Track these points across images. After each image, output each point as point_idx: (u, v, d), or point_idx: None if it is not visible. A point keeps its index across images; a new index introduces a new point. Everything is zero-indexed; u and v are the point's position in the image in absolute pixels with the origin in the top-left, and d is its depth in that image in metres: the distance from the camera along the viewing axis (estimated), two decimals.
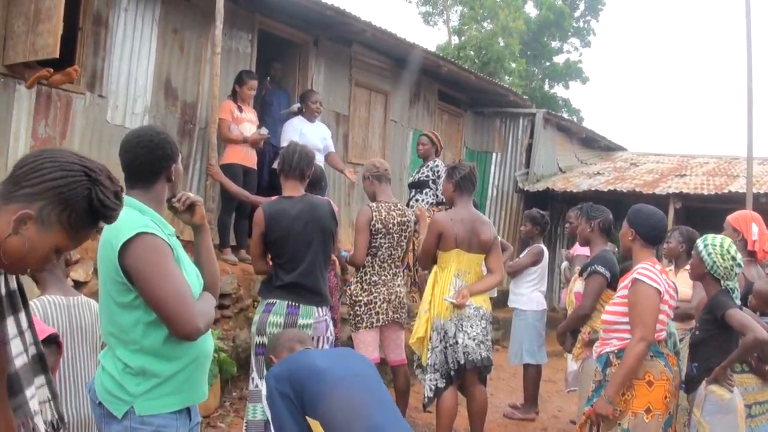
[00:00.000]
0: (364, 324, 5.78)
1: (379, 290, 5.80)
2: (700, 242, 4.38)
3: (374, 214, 5.77)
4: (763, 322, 4.61)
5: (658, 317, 4.04)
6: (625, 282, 4.19)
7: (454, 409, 5.49)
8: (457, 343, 5.37)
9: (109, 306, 2.67)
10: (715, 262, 4.24)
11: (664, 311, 4.11)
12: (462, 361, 5.35)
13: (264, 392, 3.16)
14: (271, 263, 4.84)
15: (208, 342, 2.83)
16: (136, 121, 7.26)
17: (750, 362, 4.60)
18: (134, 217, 2.64)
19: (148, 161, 2.78)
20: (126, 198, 2.66)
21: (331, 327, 4.78)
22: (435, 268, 5.60)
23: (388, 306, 5.79)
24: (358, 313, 5.81)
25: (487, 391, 5.89)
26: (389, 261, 5.83)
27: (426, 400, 5.50)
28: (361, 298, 5.79)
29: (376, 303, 5.80)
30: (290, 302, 4.59)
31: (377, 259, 5.85)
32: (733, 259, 4.22)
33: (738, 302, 4.27)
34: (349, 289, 5.96)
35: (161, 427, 2.63)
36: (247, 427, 4.53)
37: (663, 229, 4.41)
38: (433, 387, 5.41)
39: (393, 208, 5.90)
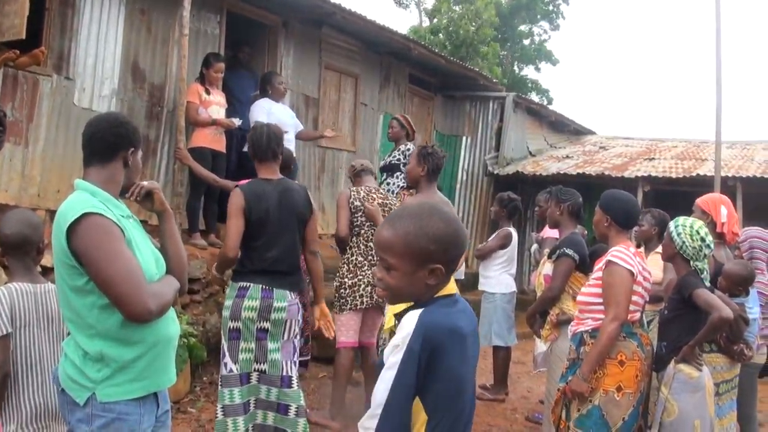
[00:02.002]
0: (348, 306, 5.86)
1: (363, 272, 5.87)
2: (671, 223, 4.46)
3: (352, 193, 5.96)
4: (734, 303, 4.68)
5: (632, 298, 4.11)
6: (600, 264, 4.25)
7: None
8: None
9: (65, 291, 2.64)
10: (684, 242, 4.31)
11: (638, 293, 4.17)
12: None
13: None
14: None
15: (170, 326, 2.80)
16: (104, 104, 7.17)
17: (718, 341, 4.69)
18: (83, 198, 2.62)
19: (108, 135, 2.76)
20: (77, 182, 2.69)
21: (302, 310, 4.78)
22: None
23: (372, 290, 5.81)
24: (342, 295, 5.89)
25: None
26: (372, 241, 5.84)
27: None
28: (346, 279, 5.89)
29: (360, 286, 5.86)
30: (264, 286, 4.56)
31: (361, 239, 5.97)
32: (702, 240, 4.29)
33: (707, 283, 4.34)
34: (339, 271, 6.03)
35: (123, 414, 2.60)
36: (224, 411, 4.49)
37: (637, 214, 4.48)
38: None
39: (373, 190, 6.06)
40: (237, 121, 7.58)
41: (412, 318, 2.07)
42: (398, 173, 8.43)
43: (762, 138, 16.42)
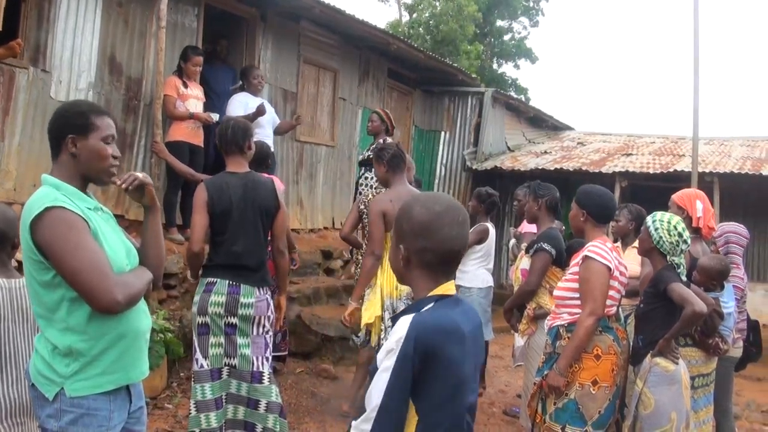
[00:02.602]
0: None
1: None
2: (649, 218, 4.49)
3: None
4: (709, 298, 4.73)
5: (608, 293, 4.13)
6: (576, 259, 4.27)
7: None
8: None
9: (34, 286, 2.61)
10: (661, 237, 4.34)
11: (614, 287, 4.20)
12: None
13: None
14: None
15: (141, 318, 2.77)
16: (80, 97, 7.04)
17: (694, 335, 4.73)
18: (46, 193, 2.60)
19: (52, 128, 2.75)
20: (43, 177, 2.68)
21: (272, 305, 4.73)
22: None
23: None
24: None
25: None
26: None
27: None
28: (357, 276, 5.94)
29: None
30: (231, 281, 4.53)
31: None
32: (680, 235, 4.32)
33: (683, 278, 4.38)
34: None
35: (93, 409, 2.58)
36: (196, 407, 4.48)
37: (613, 208, 4.51)
38: None
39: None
40: (215, 116, 7.53)
41: (405, 322, 2.07)
42: None
43: (740, 134, 16.56)
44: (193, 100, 7.54)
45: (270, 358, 4.67)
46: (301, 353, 7.57)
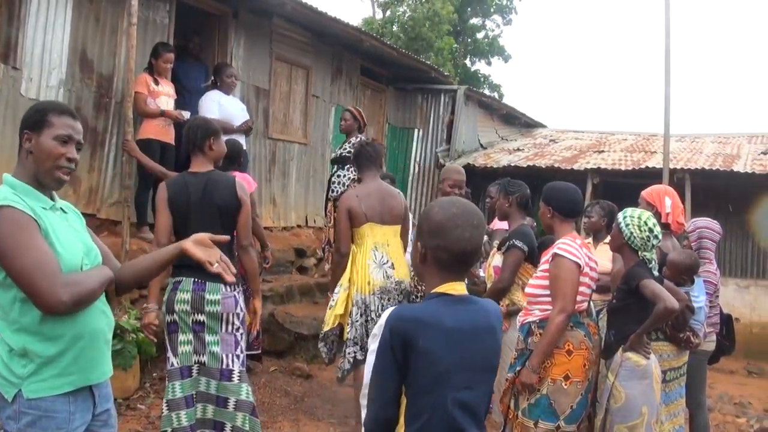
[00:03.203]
0: None
1: None
2: (620, 215, 4.53)
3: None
4: (682, 293, 4.78)
5: (579, 289, 4.17)
6: (546, 256, 4.29)
7: None
8: (379, 316, 5.42)
9: None
10: (632, 233, 4.38)
11: (584, 283, 4.23)
12: None
13: None
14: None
15: (97, 318, 2.71)
16: (51, 95, 6.98)
17: (665, 330, 4.77)
18: (0, 192, 2.57)
19: (20, 127, 2.71)
20: (3, 176, 2.64)
21: (241, 303, 4.67)
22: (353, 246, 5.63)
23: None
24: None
25: None
26: None
27: (342, 373, 5.56)
28: None
29: None
30: (196, 279, 4.49)
31: None
32: (650, 231, 4.36)
33: (655, 273, 4.42)
34: None
35: (51, 411, 2.54)
36: (168, 406, 4.46)
37: (578, 202, 4.51)
38: (351, 359, 5.49)
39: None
40: (186, 114, 7.47)
41: (387, 311, 2.32)
42: (349, 165, 8.42)
43: (712, 131, 16.74)
44: (165, 97, 7.48)
45: (241, 356, 4.63)
46: (274, 352, 7.55)
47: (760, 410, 8.42)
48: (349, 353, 5.49)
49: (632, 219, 4.41)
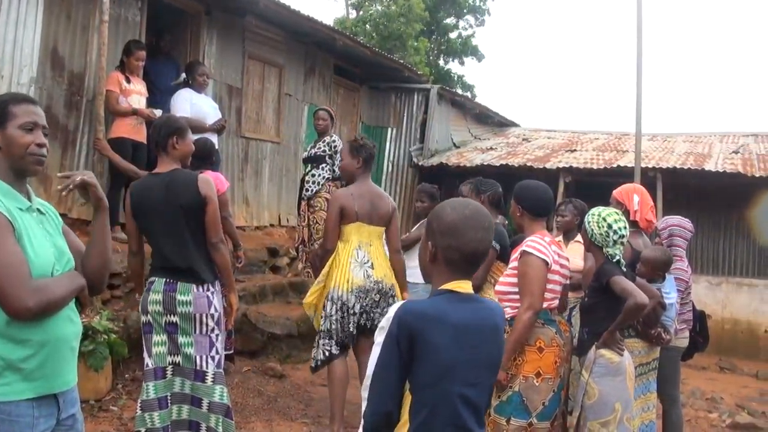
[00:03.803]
0: None
1: None
2: (587, 215, 4.58)
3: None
4: (653, 289, 4.83)
5: (548, 286, 4.19)
6: (515, 254, 4.31)
7: (346, 376, 5.60)
8: (356, 313, 5.53)
9: None
10: (592, 230, 4.46)
11: (554, 281, 4.25)
12: (354, 330, 5.57)
13: None
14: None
15: (64, 326, 2.66)
16: (22, 92, 6.90)
17: (636, 327, 4.82)
18: None
19: None
20: None
21: (216, 303, 4.61)
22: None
23: None
24: None
25: None
26: None
27: (317, 363, 5.59)
28: None
29: None
30: (167, 279, 4.46)
31: None
32: (609, 227, 4.40)
33: (624, 269, 4.45)
34: None
35: (15, 415, 2.49)
36: (141, 407, 4.42)
37: (548, 201, 4.52)
38: (327, 352, 5.53)
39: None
40: (158, 112, 7.41)
41: (396, 305, 2.39)
42: (323, 164, 8.41)
43: (683, 130, 16.93)
44: (136, 95, 7.41)
45: (217, 357, 4.58)
46: (247, 352, 7.51)
47: (731, 405, 8.55)
48: (323, 345, 5.55)
49: (592, 217, 4.48)
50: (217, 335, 4.57)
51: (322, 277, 5.60)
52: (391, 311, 2.37)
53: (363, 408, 2.45)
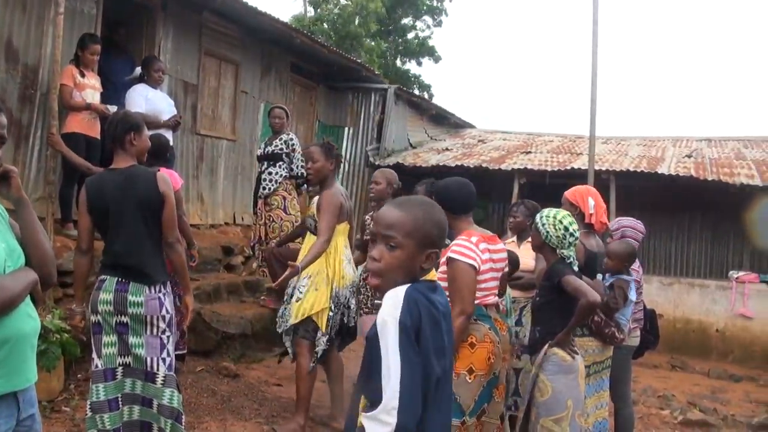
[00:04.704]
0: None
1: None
2: (537, 216, 4.65)
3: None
4: (601, 287, 4.92)
5: (480, 285, 4.20)
6: (443, 258, 4.27)
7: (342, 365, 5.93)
8: (349, 308, 5.77)
9: None
10: (548, 232, 4.51)
11: (486, 279, 4.27)
12: (351, 324, 5.84)
13: None
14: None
15: (23, 322, 2.62)
16: None
17: (590, 326, 4.89)
18: None
19: None
20: None
21: (167, 304, 4.54)
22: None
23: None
24: (368, 296, 6.36)
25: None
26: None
27: (315, 360, 5.70)
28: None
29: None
30: (120, 279, 4.38)
31: None
32: (566, 229, 4.47)
33: (575, 268, 4.53)
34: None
35: None
36: (91, 408, 4.34)
37: (466, 195, 4.48)
38: (322, 351, 5.67)
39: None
40: (112, 108, 7.30)
41: (398, 293, 2.23)
42: (280, 162, 8.37)
43: (638, 134, 17.21)
44: (90, 90, 7.29)
45: (167, 360, 4.51)
46: (201, 351, 7.43)
47: (683, 402, 8.71)
48: (324, 344, 5.67)
49: (548, 219, 4.52)
50: (168, 337, 4.50)
51: (318, 276, 5.63)
52: (396, 299, 2.23)
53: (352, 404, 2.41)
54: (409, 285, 2.26)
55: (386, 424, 2.12)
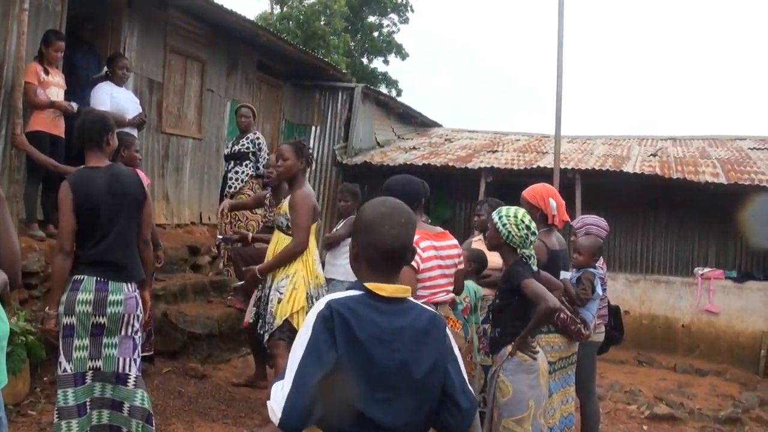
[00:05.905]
0: None
1: None
2: (495, 214, 4.53)
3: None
4: (560, 283, 4.99)
5: (426, 284, 4.24)
6: None
7: None
8: None
9: None
10: (510, 232, 4.40)
11: (432, 276, 4.30)
12: None
13: None
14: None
15: None
16: None
17: (556, 323, 4.91)
18: None
19: None
20: None
21: (141, 304, 4.55)
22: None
23: None
24: None
25: None
26: None
27: None
28: None
29: None
30: (99, 278, 4.33)
31: None
32: (528, 228, 4.40)
33: (535, 268, 4.48)
34: None
35: None
36: (59, 414, 4.28)
37: (410, 192, 4.45)
38: None
39: None
40: (75, 106, 7.21)
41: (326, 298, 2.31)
42: (247, 161, 8.34)
43: (603, 133, 17.33)
44: (55, 88, 7.17)
45: (137, 361, 4.50)
46: (167, 352, 7.38)
47: (650, 397, 8.83)
48: None
49: (509, 218, 4.42)
50: (139, 337, 4.51)
51: (294, 276, 5.58)
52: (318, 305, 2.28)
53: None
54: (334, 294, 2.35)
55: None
